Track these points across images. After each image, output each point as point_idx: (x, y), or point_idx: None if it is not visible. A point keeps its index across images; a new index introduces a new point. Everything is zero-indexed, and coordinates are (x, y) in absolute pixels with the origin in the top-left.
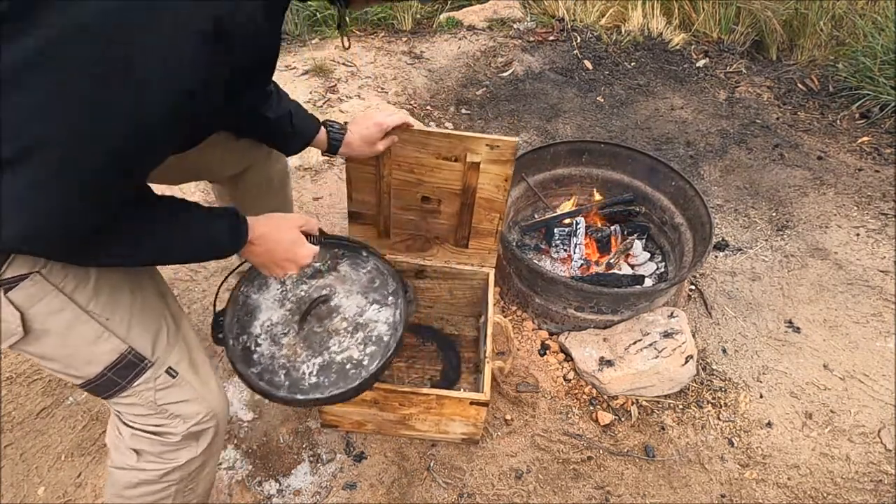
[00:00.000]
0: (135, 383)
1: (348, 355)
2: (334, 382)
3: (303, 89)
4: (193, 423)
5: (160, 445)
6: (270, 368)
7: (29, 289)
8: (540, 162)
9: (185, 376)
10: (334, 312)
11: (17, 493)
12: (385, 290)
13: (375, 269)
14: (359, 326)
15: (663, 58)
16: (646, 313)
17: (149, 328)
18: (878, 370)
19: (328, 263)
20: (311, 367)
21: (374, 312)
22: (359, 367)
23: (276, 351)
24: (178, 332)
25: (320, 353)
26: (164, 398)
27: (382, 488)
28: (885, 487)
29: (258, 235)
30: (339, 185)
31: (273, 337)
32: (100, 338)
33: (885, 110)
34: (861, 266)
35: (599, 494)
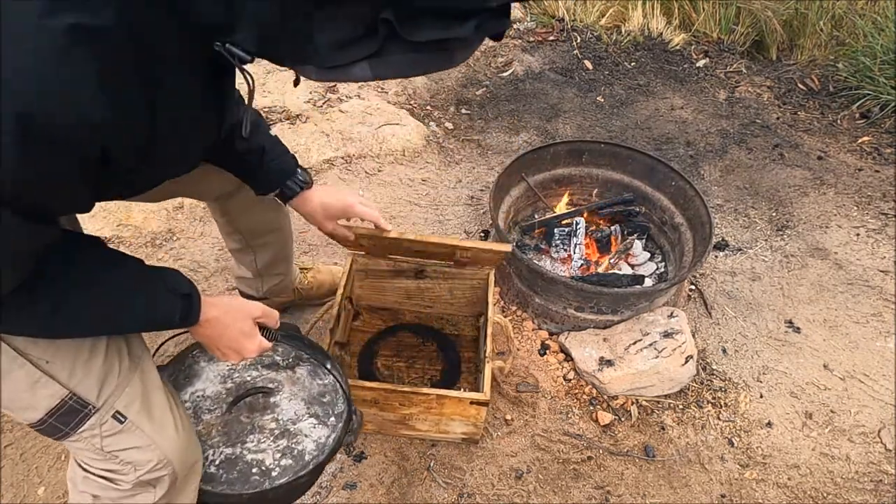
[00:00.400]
0: (79, 430)
1: (260, 458)
2: (230, 482)
3: (303, 89)
4: (144, 472)
5: (113, 491)
6: None
7: None
8: (540, 162)
9: (136, 421)
10: (269, 409)
11: (17, 493)
12: (331, 409)
13: (332, 386)
14: (286, 434)
15: (663, 58)
16: (646, 313)
17: (96, 369)
18: (878, 370)
19: (289, 361)
20: (217, 454)
21: (308, 426)
22: (264, 476)
23: (193, 425)
24: (134, 371)
25: (233, 444)
26: (111, 445)
27: (382, 488)
28: (885, 487)
29: (207, 319)
30: (339, 186)
31: (197, 409)
32: (37, 383)
33: (886, 110)
34: (861, 266)
35: (599, 494)
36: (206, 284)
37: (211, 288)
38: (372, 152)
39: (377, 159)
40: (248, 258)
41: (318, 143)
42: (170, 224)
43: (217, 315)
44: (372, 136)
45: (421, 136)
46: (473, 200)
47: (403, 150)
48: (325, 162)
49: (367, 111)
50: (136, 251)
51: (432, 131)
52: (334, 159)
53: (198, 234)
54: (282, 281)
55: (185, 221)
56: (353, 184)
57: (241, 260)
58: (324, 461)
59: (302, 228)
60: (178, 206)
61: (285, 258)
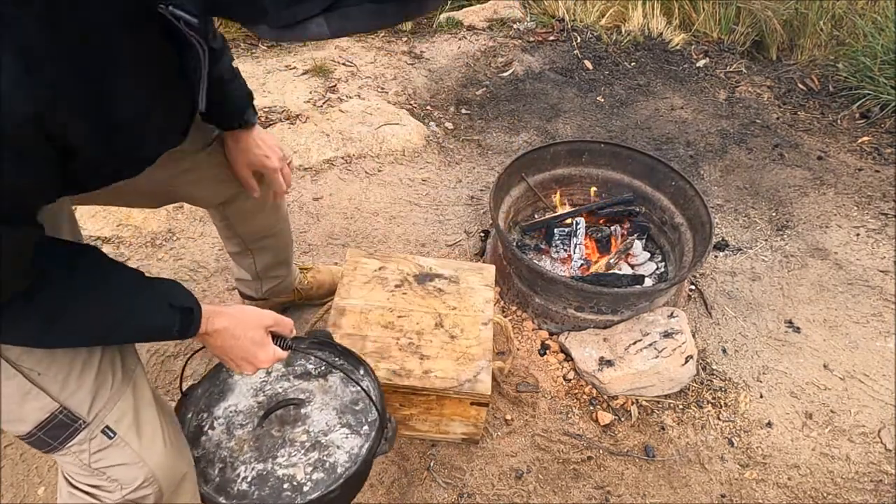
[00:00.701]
0: (67, 444)
1: (291, 473)
2: (262, 498)
3: (303, 89)
4: (130, 490)
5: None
6: (210, 458)
7: None
8: (540, 162)
9: (125, 437)
10: (300, 421)
11: (17, 493)
12: (364, 417)
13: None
14: (317, 446)
15: (663, 58)
16: (646, 313)
17: (89, 382)
18: (878, 370)
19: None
20: (248, 470)
21: (339, 436)
22: (296, 492)
23: (225, 441)
24: (127, 384)
25: (265, 459)
26: (99, 461)
27: (382, 488)
28: (885, 487)
29: (216, 329)
30: (339, 186)
31: (229, 425)
32: (27, 395)
33: (885, 110)
34: (861, 266)
35: (599, 494)
36: (206, 284)
37: (211, 288)
38: (372, 152)
39: (377, 159)
40: (248, 261)
41: (318, 143)
42: (170, 224)
43: (226, 325)
44: (372, 136)
45: (421, 136)
46: (473, 200)
47: (403, 150)
48: (325, 162)
49: (367, 111)
50: (136, 251)
51: (432, 131)
52: (334, 159)
53: (198, 234)
54: (281, 282)
55: (185, 221)
56: (353, 184)
57: (241, 263)
58: (356, 472)
59: (302, 229)
60: (178, 207)
61: (284, 261)
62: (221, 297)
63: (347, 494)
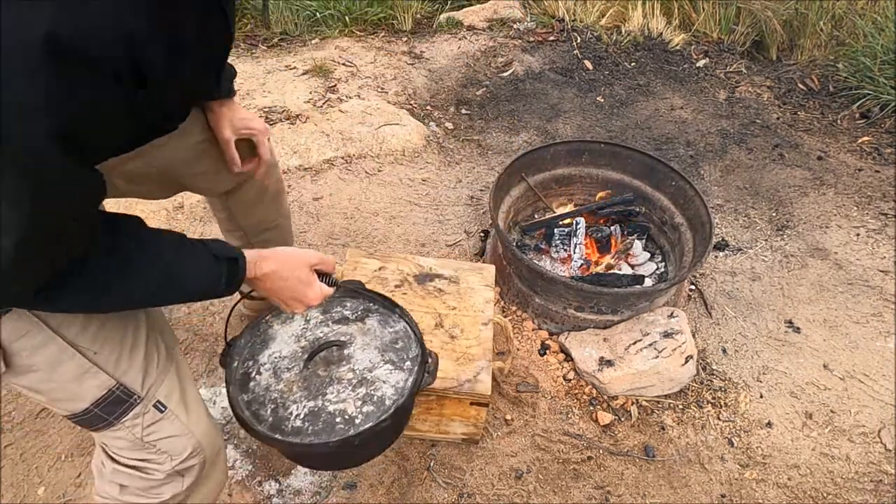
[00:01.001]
0: (122, 419)
1: (342, 408)
2: (317, 432)
3: (303, 89)
4: (179, 461)
5: (144, 481)
6: (261, 400)
7: (12, 322)
8: (540, 162)
9: (175, 410)
10: (344, 361)
11: (17, 493)
12: (405, 354)
13: (403, 332)
14: (364, 382)
15: (663, 58)
16: (646, 313)
17: (139, 360)
18: (878, 370)
19: (358, 314)
20: (300, 409)
21: (384, 372)
22: (348, 424)
23: (274, 384)
24: (170, 363)
25: (315, 397)
26: (151, 434)
27: (382, 488)
28: (885, 487)
29: (265, 273)
30: (339, 185)
31: (276, 370)
32: (86, 373)
33: (885, 110)
34: (861, 266)
35: (599, 494)
36: None
37: None
38: (372, 152)
39: (377, 159)
40: None
41: (318, 143)
42: (170, 224)
43: (274, 268)
44: (372, 136)
45: (421, 136)
46: (473, 200)
47: (403, 150)
48: (325, 162)
49: (367, 111)
50: None
51: (432, 131)
52: (334, 159)
53: (197, 234)
54: None
55: (185, 221)
56: (353, 184)
57: None
58: (405, 404)
59: (302, 229)
60: (178, 206)
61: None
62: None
63: (396, 425)
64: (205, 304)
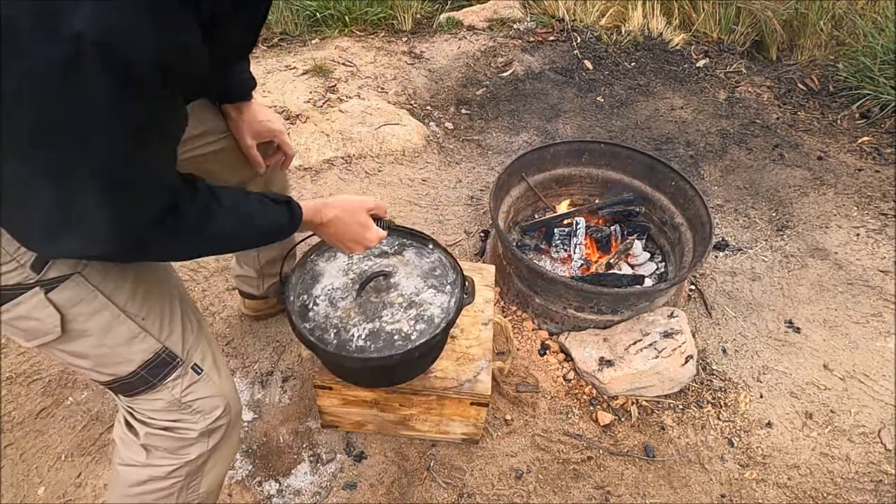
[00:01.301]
0: (165, 381)
1: (398, 327)
2: (379, 349)
3: (303, 89)
4: (212, 420)
5: (175, 441)
6: (322, 326)
7: (70, 290)
8: (540, 162)
9: (209, 373)
10: (392, 288)
11: (17, 493)
12: (444, 280)
13: (439, 261)
14: (413, 304)
15: (663, 58)
16: (646, 313)
17: (178, 327)
18: (878, 370)
19: (395, 248)
20: (360, 331)
21: (429, 295)
22: (406, 340)
23: (332, 312)
24: (203, 331)
25: (372, 320)
26: (188, 394)
27: (382, 488)
28: (885, 487)
29: (330, 219)
30: (339, 186)
31: (331, 300)
32: (135, 338)
33: (885, 110)
34: (861, 266)
35: (599, 494)
36: (207, 284)
37: (211, 288)
38: (372, 152)
39: (377, 159)
40: (251, 255)
41: (318, 143)
42: None
43: (337, 214)
44: (372, 136)
45: (421, 136)
46: (473, 200)
47: (403, 150)
48: (325, 162)
49: (367, 111)
50: None
51: (432, 131)
52: (334, 159)
53: None
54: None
55: None
56: (353, 184)
57: (244, 259)
58: (452, 320)
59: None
60: None
61: (290, 256)
62: (221, 298)
63: (443, 340)
64: (205, 304)
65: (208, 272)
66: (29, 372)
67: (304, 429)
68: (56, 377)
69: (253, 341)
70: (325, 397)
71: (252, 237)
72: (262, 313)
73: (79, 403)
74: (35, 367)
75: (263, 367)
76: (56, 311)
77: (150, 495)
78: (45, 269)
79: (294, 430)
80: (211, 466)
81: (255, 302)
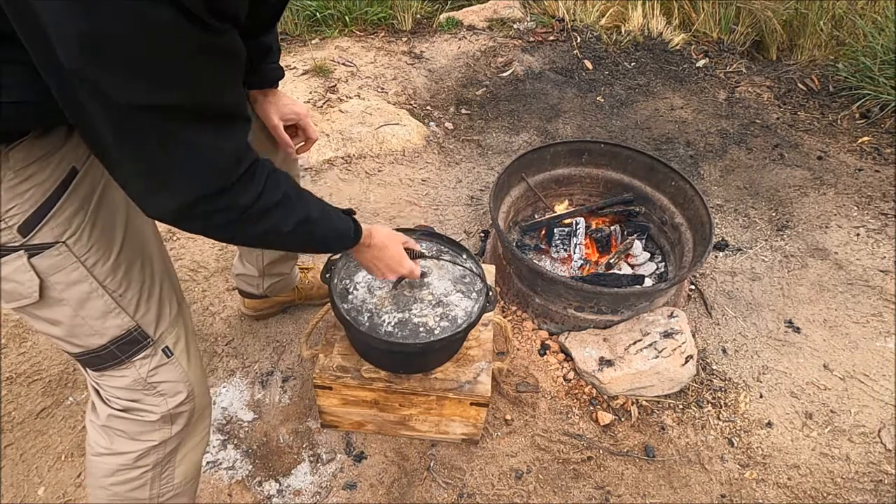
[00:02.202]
0: (133, 359)
1: (424, 321)
2: (405, 336)
3: (303, 89)
4: (175, 405)
5: (136, 425)
6: (358, 309)
7: (53, 258)
8: (540, 162)
9: (179, 358)
10: (425, 287)
11: (17, 493)
12: (472, 287)
13: (470, 271)
14: (440, 303)
15: (663, 58)
16: (646, 313)
17: (154, 307)
18: (878, 370)
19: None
20: (391, 318)
21: (456, 298)
22: (429, 334)
23: (368, 298)
24: (179, 317)
25: (402, 311)
26: (154, 375)
27: (382, 488)
28: (885, 487)
29: (376, 242)
30: (339, 186)
31: (370, 288)
32: (110, 313)
33: (885, 110)
34: (861, 266)
35: (599, 494)
36: (207, 284)
37: (211, 288)
38: (372, 152)
39: (377, 159)
40: (255, 254)
41: (318, 143)
42: None
43: (382, 241)
44: (372, 136)
45: (421, 136)
46: (473, 200)
47: (403, 150)
48: (325, 162)
49: (367, 111)
50: None
51: (432, 131)
52: (334, 159)
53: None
54: (282, 280)
55: None
56: (352, 184)
57: (247, 257)
58: (472, 324)
59: None
60: None
61: (292, 256)
62: (221, 298)
63: (462, 339)
64: (204, 304)
65: (208, 272)
66: (29, 372)
67: (304, 429)
68: (56, 377)
69: (253, 341)
70: (325, 397)
71: (318, 238)
72: (261, 313)
73: (79, 403)
74: (35, 367)
75: (263, 367)
76: (36, 277)
77: (122, 486)
78: (32, 234)
79: (294, 430)
80: (182, 456)
81: (255, 301)
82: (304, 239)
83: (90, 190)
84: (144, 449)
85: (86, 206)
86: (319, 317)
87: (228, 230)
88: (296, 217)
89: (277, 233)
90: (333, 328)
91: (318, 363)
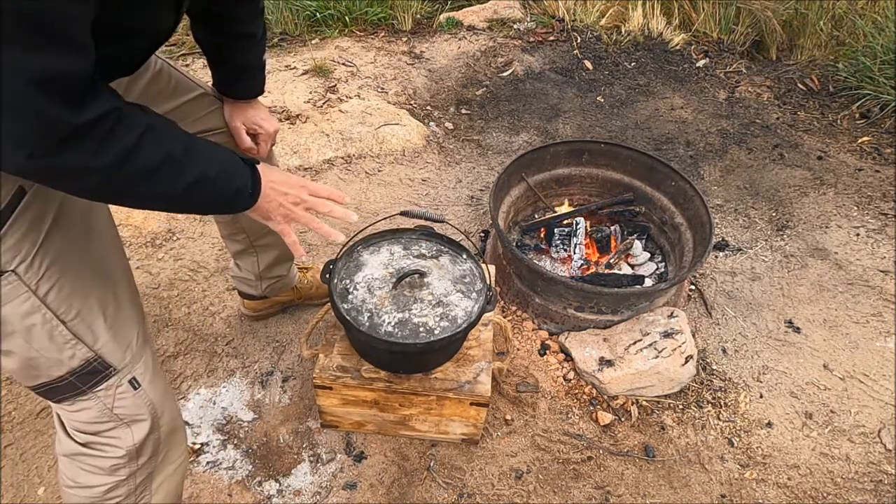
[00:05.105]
0: (96, 389)
1: (424, 321)
2: (405, 336)
3: (303, 89)
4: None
5: (101, 460)
6: (358, 309)
7: (2, 287)
8: (540, 162)
9: (147, 389)
10: (424, 286)
11: (17, 493)
12: (472, 287)
13: (470, 270)
14: (440, 303)
15: (663, 58)
16: (646, 313)
17: (120, 336)
18: (878, 370)
19: (433, 252)
20: (391, 318)
21: (456, 298)
22: (429, 333)
23: (368, 298)
24: (146, 346)
25: (402, 311)
26: (120, 407)
27: (382, 488)
28: (885, 487)
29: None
30: (339, 185)
31: (370, 287)
32: (66, 344)
33: (885, 110)
34: (861, 266)
35: (599, 494)
36: (207, 284)
37: (211, 288)
38: (372, 152)
39: (377, 159)
40: (251, 259)
41: (318, 143)
42: (170, 224)
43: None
44: (372, 136)
45: (421, 136)
46: (473, 200)
47: (403, 150)
48: (325, 162)
49: (367, 111)
50: (136, 251)
51: (432, 131)
52: (334, 159)
53: (197, 234)
54: (280, 281)
55: (184, 221)
56: (352, 184)
57: (244, 262)
58: (472, 324)
59: (302, 229)
60: None
61: (289, 259)
62: (221, 298)
63: (462, 339)
64: (204, 304)
65: (208, 272)
66: None
67: (304, 429)
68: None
69: (253, 341)
70: (325, 397)
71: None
72: (261, 313)
73: None
74: None
75: (263, 367)
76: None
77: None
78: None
79: (294, 430)
80: (158, 485)
81: (254, 302)
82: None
83: (41, 212)
84: (112, 483)
85: (36, 229)
86: (319, 317)
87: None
88: (184, 179)
89: (166, 199)
90: (333, 328)
91: (318, 363)
